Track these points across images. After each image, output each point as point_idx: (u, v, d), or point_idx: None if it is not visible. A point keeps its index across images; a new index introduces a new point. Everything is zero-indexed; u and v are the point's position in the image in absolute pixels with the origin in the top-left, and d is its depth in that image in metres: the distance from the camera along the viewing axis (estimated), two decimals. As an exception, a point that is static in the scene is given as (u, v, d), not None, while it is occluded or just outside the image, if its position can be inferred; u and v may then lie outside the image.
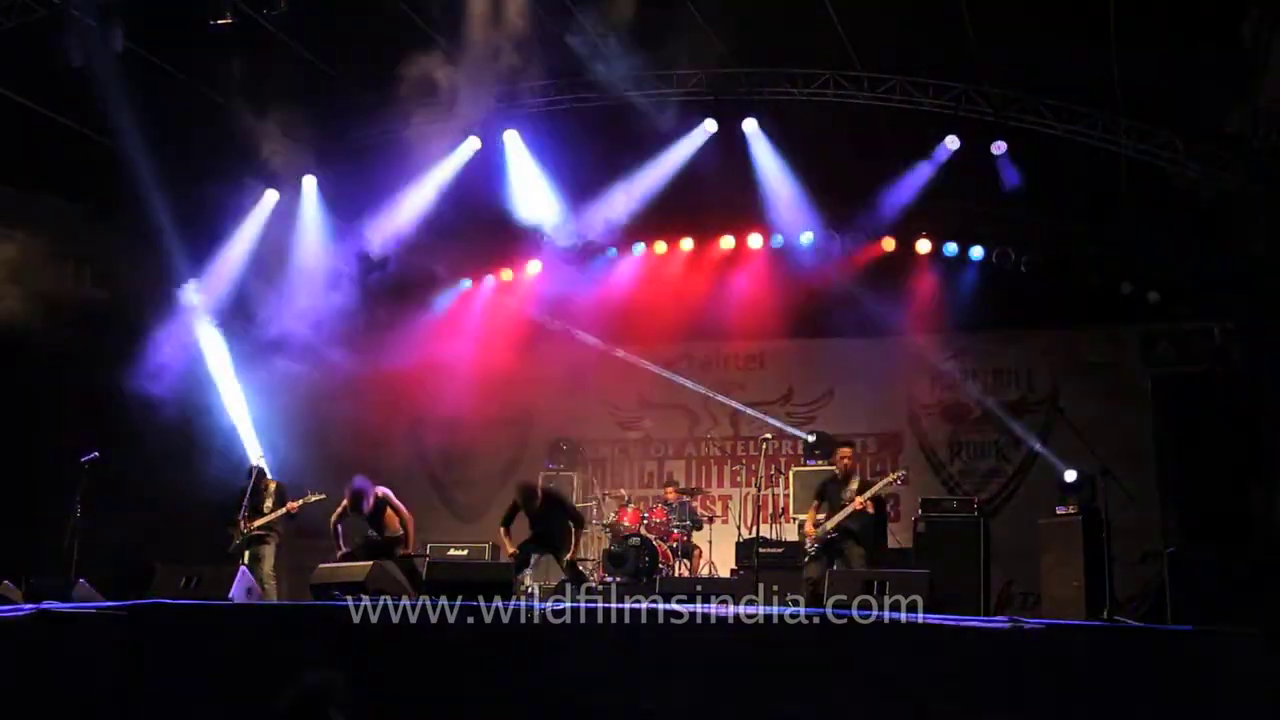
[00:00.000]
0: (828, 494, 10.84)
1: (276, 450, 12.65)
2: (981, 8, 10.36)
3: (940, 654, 6.98)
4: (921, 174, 12.72)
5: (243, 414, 13.60)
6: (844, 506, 10.57)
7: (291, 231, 13.80)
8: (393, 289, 14.47)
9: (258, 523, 11.43)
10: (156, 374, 13.01)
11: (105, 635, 7.86)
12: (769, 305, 14.06)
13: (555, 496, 11.25)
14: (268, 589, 10.83)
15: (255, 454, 11.94)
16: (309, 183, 13.65)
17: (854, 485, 10.70)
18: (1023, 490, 13.64)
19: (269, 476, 11.83)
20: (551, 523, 10.91)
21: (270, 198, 13.71)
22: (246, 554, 11.30)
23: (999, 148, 12.09)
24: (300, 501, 11.43)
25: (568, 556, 10.92)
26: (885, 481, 10.86)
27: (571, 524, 11.02)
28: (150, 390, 12.96)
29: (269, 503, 11.53)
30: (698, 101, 12.47)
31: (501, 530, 11.18)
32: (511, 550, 10.90)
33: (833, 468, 12.61)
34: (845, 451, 11.13)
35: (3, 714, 7.52)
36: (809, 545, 10.73)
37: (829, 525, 10.52)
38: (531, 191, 13.41)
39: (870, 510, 10.65)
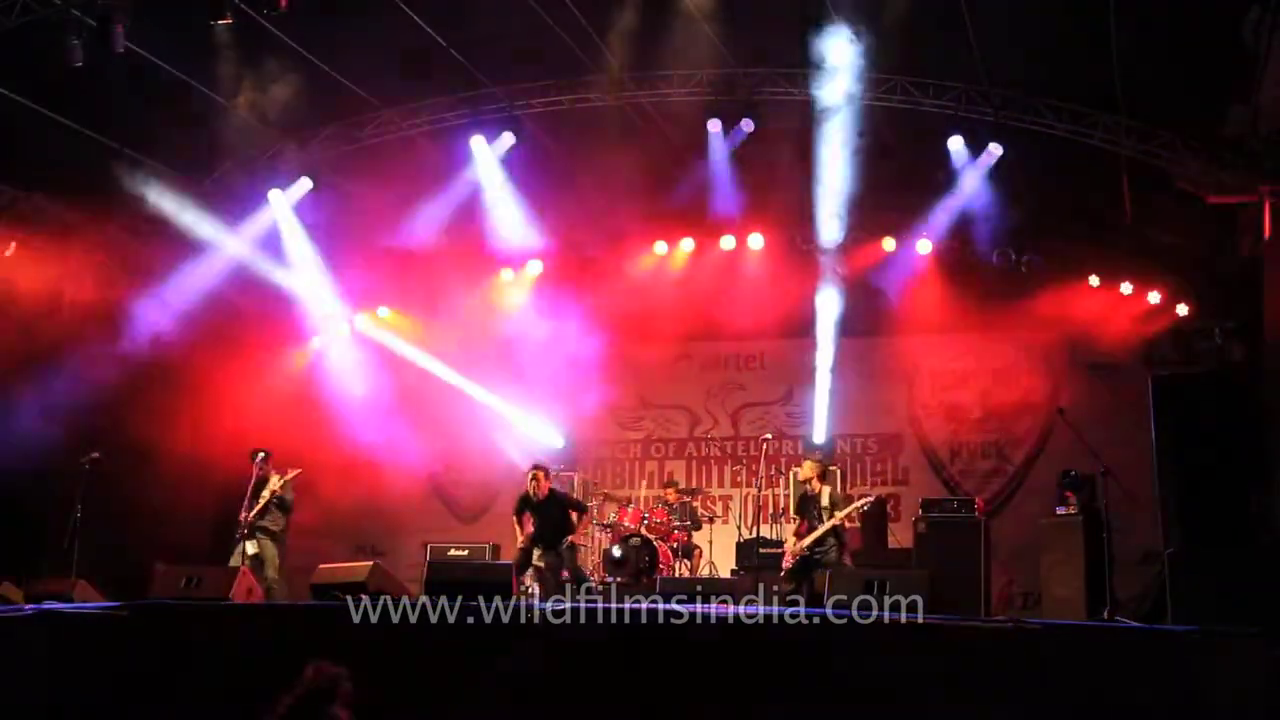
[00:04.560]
0: (805, 510, 10.86)
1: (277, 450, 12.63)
2: (982, 8, 10.35)
3: (940, 654, 6.98)
4: (923, 174, 12.72)
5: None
6: (819, 524, 10.57)
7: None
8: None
9: (255, 510, 11.31)
10: (156, 374, 13.03)
11: (105, 635, 7.86)
12: (769, 305, 14.06)
13: (559, 491, 11.46)
14: (275, 592, 10.78)
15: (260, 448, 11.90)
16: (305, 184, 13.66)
17: (824, 502, 10.67)
18: (1023, 490, 13.64)
19: (269, 466, 11.70)
20: (553, 514, 11.07)
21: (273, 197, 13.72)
22: (249, 551, 11.18)
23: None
24: (281, 481, 11.33)
25: (569, 539, 11.19)
26: (854, 506, 10.76)
27: (574, 512, 11.36)
28: (150, 390, 12.99)
29: (266, 492, 11.43)
30: (698, 101, 12.46)
31: (514, 519, 11.46)
32: (522, 540, 11.17)
33: (833, 468, 12.64)
34: (808, 467, 11.06)
35: (3, 714, 7.52)
36: (788, 561, 10.73)
37: (806, 543, 10.53)
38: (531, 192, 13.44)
39: (848, 524, 10.65)
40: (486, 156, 13.27)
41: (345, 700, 4.35)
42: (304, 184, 13.62)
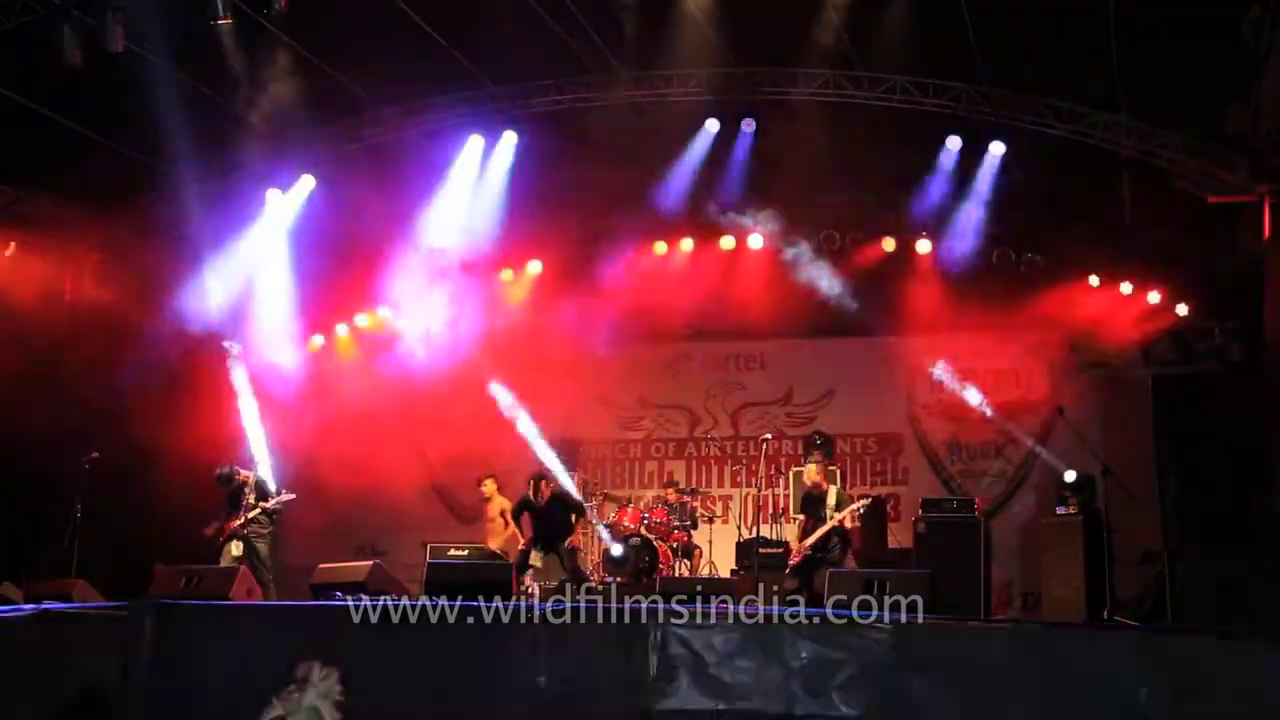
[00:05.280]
0: (808, 509, 10.86)
1: (275, 451, 12.63)
2: (982, 8, 10.36)
3: (939, 654, 6.98)
4: (922, 174, 12.73)
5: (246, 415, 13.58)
6: (823, 523, 10.58)
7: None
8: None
9: (237, 522, 11.25)
10: (157, 374, 13.03)
11: (105, 635, 7.86)
12: (769, 305, 14.05)
13: (561, 492, 11.39)
14: (269, 593, 10.76)
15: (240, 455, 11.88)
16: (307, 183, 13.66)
17: (831, 501, 10.68)
18: (1023, 490, 13.63)
19: (247, 472, 11.60)
20: (554, 519, 11.06)
21: (273, 197, 13.73)
22: (234, 553, 11.13)
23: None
24: (273, 502, 11.32)
25: (567, 542, 11.13)
26: (853, 507, 10.75)
27: (573, 515, 11.30)
28: (151, 390, 12.99)
29: (250, 497, 11.39)
30: (698, 101, 12.47)
31: (514, 524, 11.50)
32: (522, 543, 11.19)
33: (833, 468, 12.64)
34: (813, 470, 11.07)
35: (3, 714, 7.52)
36: (793, 560, 10.75)
37: (808, 543, 10.53)
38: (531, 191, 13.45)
39: (848, 524, 10.66)
40: (486, 156, 13.28)
41: (338, 701, 4.36)
42: (304, 184, 13.63)
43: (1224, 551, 8.65)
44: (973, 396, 13.91)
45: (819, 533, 10.49)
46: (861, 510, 10.70)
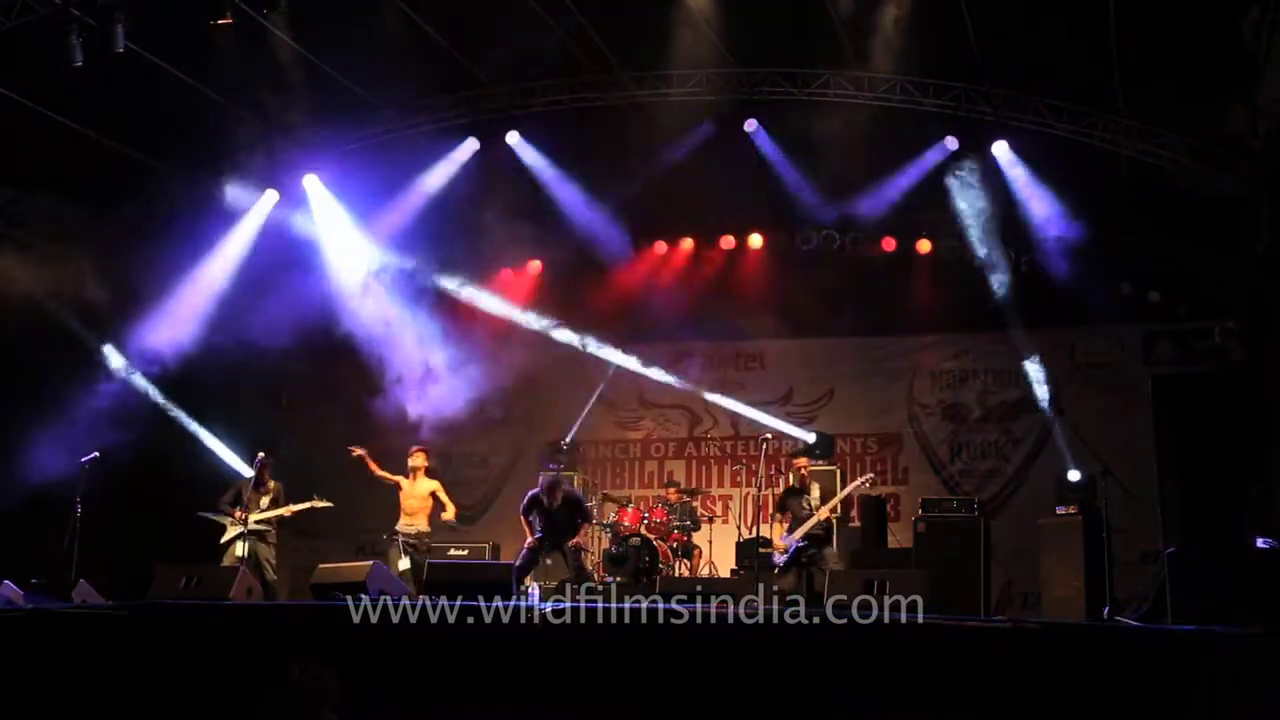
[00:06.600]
0: (788, 505, 10.89)
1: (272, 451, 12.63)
2: (981, 8, 10.36)
3: (940, 654, 6.99)
4: (922, 174, 12.74)
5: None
6: (806, 517, 10.60)
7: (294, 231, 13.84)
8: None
9: (254, 518, 11.26)
10: (155, 374, 13.05)
11: (105, 635, 7.86)
12: (769, 305, 14.06)
13: (572, 498, 11.37)
14: (274, 594, 10.76)
15: (258, 452, 11.87)
16: (312, 181, 13.66)
17: (814, 494, 10.72)
18: (1023, 490, 13.63)
19: (270, 473, 11.64)
20: (563, 522, 11.06)
21: (270, 197, 13.72)
22: (242, 548, 11.13)
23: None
24: (303, 506, 11.31)
25: (572, 542, 11.12)
26: (849, 489, 10.79)
27: (580, 520, 11.30)
28: (150, 390, 13.00)
29: (265, 500, 11.37)
30: (697, 101, 12.47)
31: (523, 519, 11.38)
32: (531, 541, 11.10)
33: (833, 468, 12.65)
34: (800, 462, 11.27)
35: (3, 714, 7.52)
36: (777, 558, 10.77)
37: (795, 536, 10.56)
38: (532, 190, 13.45)
39: (833, 518, 10.70)
40: (487, 157, 13.30)
41: (333, 701, 4.35)
42: (304, 183, 13.64)
43: (1224, 551, 8.65)
44: (973, 396, 13.94)
45: (805, 526, 10.54)
46: (867, 485, 10.71)
